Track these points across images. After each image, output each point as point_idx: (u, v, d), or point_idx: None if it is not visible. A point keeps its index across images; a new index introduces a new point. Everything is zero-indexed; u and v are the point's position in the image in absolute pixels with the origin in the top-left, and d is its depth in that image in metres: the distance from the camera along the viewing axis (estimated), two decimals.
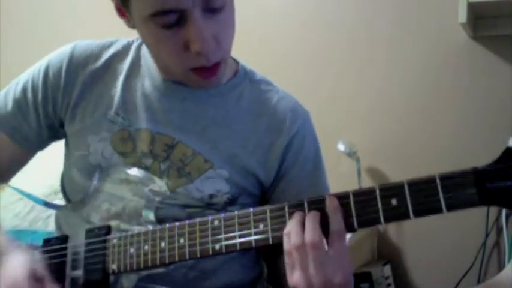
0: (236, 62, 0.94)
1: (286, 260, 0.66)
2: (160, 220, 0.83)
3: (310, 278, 0.63)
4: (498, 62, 1.60)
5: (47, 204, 1.13)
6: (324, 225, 0.65)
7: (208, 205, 0.85)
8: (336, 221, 0.64)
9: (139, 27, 0.79)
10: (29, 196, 1.18)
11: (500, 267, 1.59)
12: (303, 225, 0.65)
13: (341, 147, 1.70)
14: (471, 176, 0.57)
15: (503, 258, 1.60)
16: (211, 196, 0.85)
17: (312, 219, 0.65)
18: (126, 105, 0.88)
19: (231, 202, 0.86)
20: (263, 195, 0.91)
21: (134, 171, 0.86)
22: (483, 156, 0.63)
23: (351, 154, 1.70)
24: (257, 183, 0.89)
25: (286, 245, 0.66)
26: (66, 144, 0.94)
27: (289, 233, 0.66)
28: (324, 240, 0.65)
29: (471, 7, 1.43)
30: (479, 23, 1.60)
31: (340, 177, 1.50)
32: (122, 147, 0.87)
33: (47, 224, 1.34)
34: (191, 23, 0.72)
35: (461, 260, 1.64)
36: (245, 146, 0.87)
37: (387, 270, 1.69)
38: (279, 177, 0.89)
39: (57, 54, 0.92)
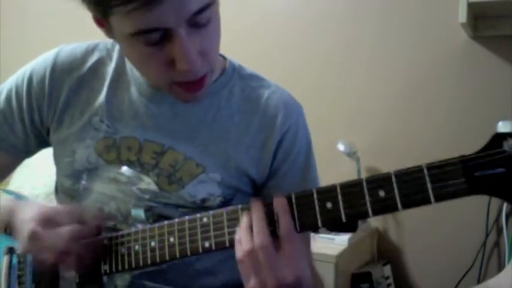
0: (223, 58, 0.91)
1: (240, 267, 0.65)
2: (154, 219, 0.83)
3: (264, 282, 0.63)
4: (498, 62, 1.60)
5: None
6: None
7: (201, 208, 0.84)
8: (283, 222, 0.64)
9: (121, 41, 0.75)
10: (19, 198, 1.18)
11: (500, 267, 1.59)
12: (251, 229, 0.65)
13: (341, 147, 1.71)
14: (459, 164, 0.55)
15: (503, 258, 1.59)
16: (203, 200, 0.84)
17: (257, 223, 0.64)
18: (111, 112, 0.86)
19: (224, 204, 0.84)
20: (257, 193, 0.90)
21: (125, 170, 0.85)
22: None
23: (351, 154, 1.70)
24: (250, 182, 0.88)
25: (239, 253, 0.65)
26: (54, 153, 0.92)
27: (240, 240, 0.65)
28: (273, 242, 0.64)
29: (471, 7, 1.43)
30: (479, 23, 1.60)
31: (340, 177, 1.48)
32: (106, 155, 0.85)
33: None
34: (176, 41, 0.68)
35: (461, 260, 1.64)
36: (238, 146, 0.86)
37: (387, 270, 1.70)
38: (271, 174, 0.87)
39: (40, 62, 0.89)
